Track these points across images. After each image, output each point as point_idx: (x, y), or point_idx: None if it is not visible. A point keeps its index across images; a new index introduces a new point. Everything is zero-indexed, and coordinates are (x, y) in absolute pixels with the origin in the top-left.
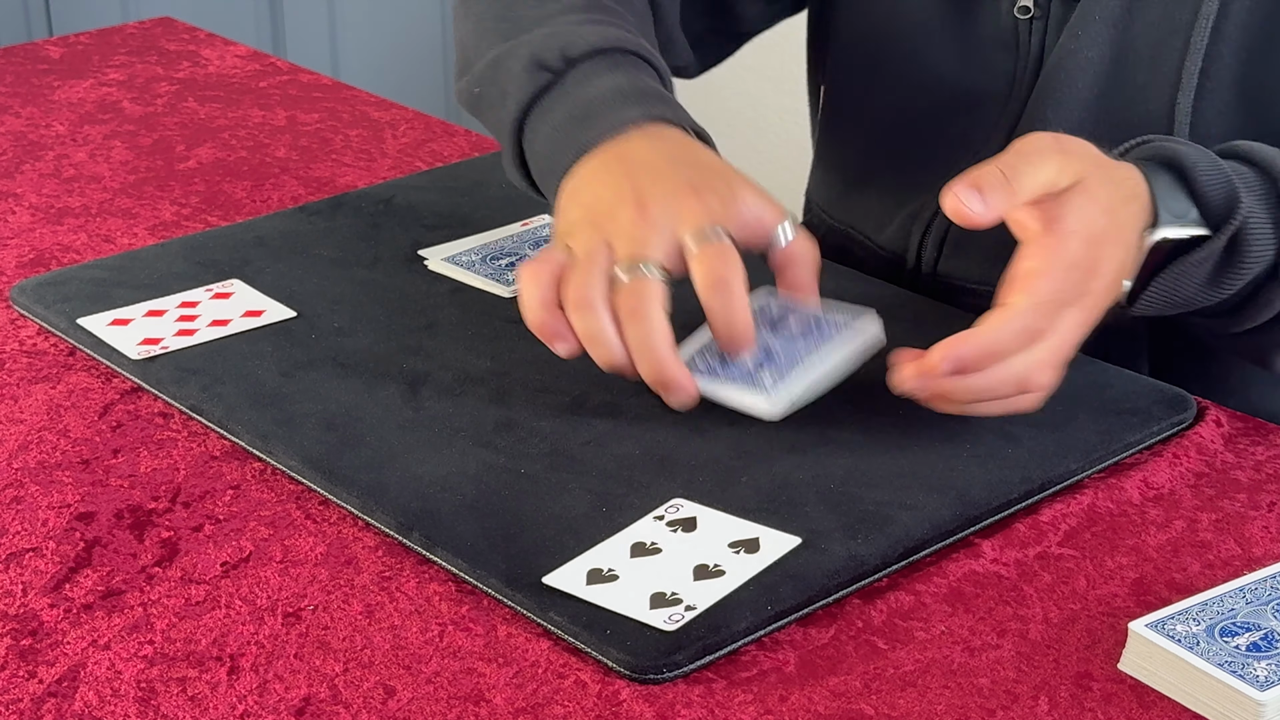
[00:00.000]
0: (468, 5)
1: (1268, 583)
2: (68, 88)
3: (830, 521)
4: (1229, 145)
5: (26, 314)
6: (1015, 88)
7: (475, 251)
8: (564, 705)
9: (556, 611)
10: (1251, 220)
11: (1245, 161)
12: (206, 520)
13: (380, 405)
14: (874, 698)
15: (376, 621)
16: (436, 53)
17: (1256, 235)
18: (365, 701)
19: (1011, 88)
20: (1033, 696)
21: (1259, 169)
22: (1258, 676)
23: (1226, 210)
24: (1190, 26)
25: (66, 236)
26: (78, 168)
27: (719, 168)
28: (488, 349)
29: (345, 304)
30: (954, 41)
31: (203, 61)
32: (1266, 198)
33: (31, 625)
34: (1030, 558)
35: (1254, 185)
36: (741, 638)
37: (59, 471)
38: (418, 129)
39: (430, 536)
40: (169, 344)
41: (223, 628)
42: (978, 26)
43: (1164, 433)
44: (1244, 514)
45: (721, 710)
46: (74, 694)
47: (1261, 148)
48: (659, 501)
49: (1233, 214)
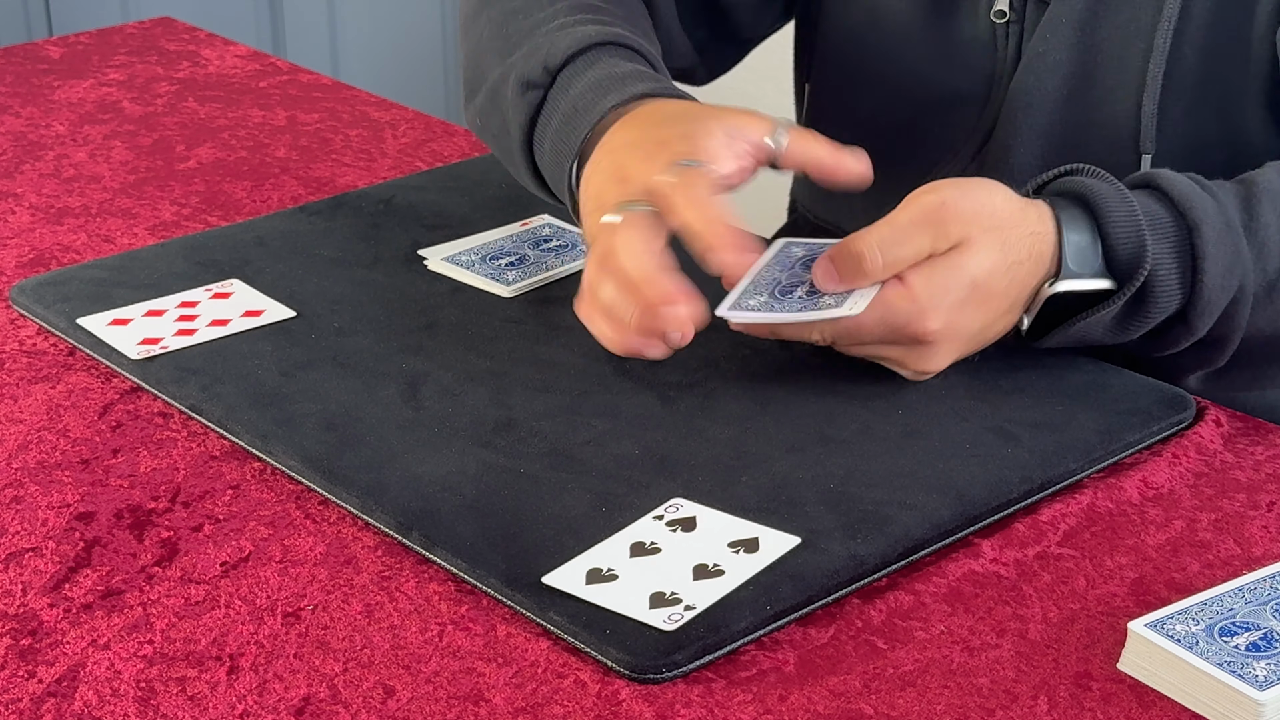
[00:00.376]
0: (467, 28)
1: (1267, 582)
2: (68, 88)
3: (830, 521)
4: (1148, 175)
5: (26, 314)
6: (994, 90)
7: (475, 251)
8: (563, 705)
9: (556, 611)
10: (1160, 271)
11: (1161, 197)
12: (206, 520)
13: (380, 405)
14: (874, 697)
15: (376, 621)
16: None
17: (1163, 285)
18: (365, 701)
19: (990, 90)
20: (1032, 696)
21: (1174, 209)
22: (1257, 676)
23: (1134, 263)
24: (1153, 29)
25: (66, 236)
26: (78, 168)
27: (689, 112)
28: (488, 349)
29: (345, 304)
30: (933, 45)
31: (203, 61)
32: (1177, 245)
33: (31, 625)
34: (1030, 557)
35: (1166, 231)
36: (741, 637)
37: (59, 471)
38: (418, 129)
39: (430, 536)
40: (169, 344)
41: (222, 628)
42: (956, 30)
43: (1163, 433)
44: (1243, 514)
45: (721, 710)
46: (74, 694)
47: (1179, 182)
48: (659, 501)
49: (1139, 267)
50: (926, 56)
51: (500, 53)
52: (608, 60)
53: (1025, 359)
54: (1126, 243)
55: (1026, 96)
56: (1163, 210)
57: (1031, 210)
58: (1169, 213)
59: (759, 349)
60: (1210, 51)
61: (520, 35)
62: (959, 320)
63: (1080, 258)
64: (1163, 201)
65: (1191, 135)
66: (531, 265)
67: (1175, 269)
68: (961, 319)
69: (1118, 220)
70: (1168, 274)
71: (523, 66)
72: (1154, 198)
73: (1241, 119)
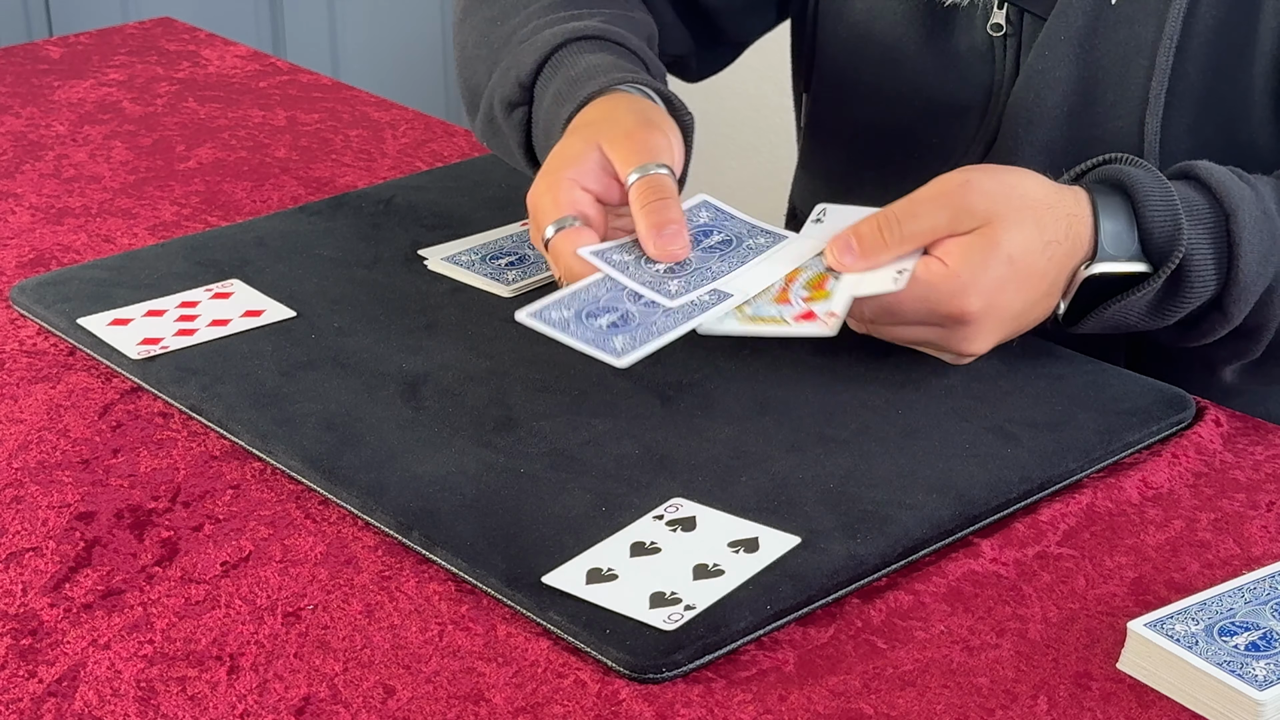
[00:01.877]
0: (456, 33)
1: (1266, 582)
2: (68, 88)
3: (830, 521)
4: (1187, 165)
5: (26, 314)
6: (993, 101)
7: (475, 251)
8: (563, 705)
9: (556, 611)
10: (1196, 255)
11: (1199, 186)
12: (206, 520)
13: (380, 405)
14: (873, 697)
15: (376, 621)
16: (436, 53)
17: (1199, 269)
18: (365, 701)
19: (989, 100)
20: (1032, 696)
21: (1211, 196)
22: (1256, 676)
23: (1169, 246)
24: (1155, 46)
25: (66, 236)
26: (78, 168)
27: (596, 121)
28: (488, 349)
29: (345, 304)
30: (932, 55)
31: (203, 61)
32: (1214, 230)
33: (31, 625)
34: (1029, 557)
35: (1203, 216)
36: (741, 637)
37: (59, 471)
38: (418, 129)
39: (430, 536)
40: (169, 344)
41: (222, 627)
42: (954, 41)
43: (1163, 432)
44: (1243, 514)
45: (721, 710)
46: (74, 694)
47: (1216, 171)
48: (658, 501)
49: (1175, 249)
50: (924, 67)
51: (486, 62)
52: (571, 62)
53: (1025, 359)
54: (1162, 226)
55: (1027, 112)
56: (1200, 197)
57: (1068, 194)
58: (1206, 199)
59: (759, 349)
60: (1214, 69)
61: (500, 43)
62: (1000, 300)
63: (1116, 241)
64: (1200, 190)
65: (1197, 151)
66: (531, 265)
67: (1211, 254)
68: (1003, 298)
69: (1154, 205)
70: (1204, 258)
71: (502, 86)
72: (1192, 186)
73: (1248, 133)
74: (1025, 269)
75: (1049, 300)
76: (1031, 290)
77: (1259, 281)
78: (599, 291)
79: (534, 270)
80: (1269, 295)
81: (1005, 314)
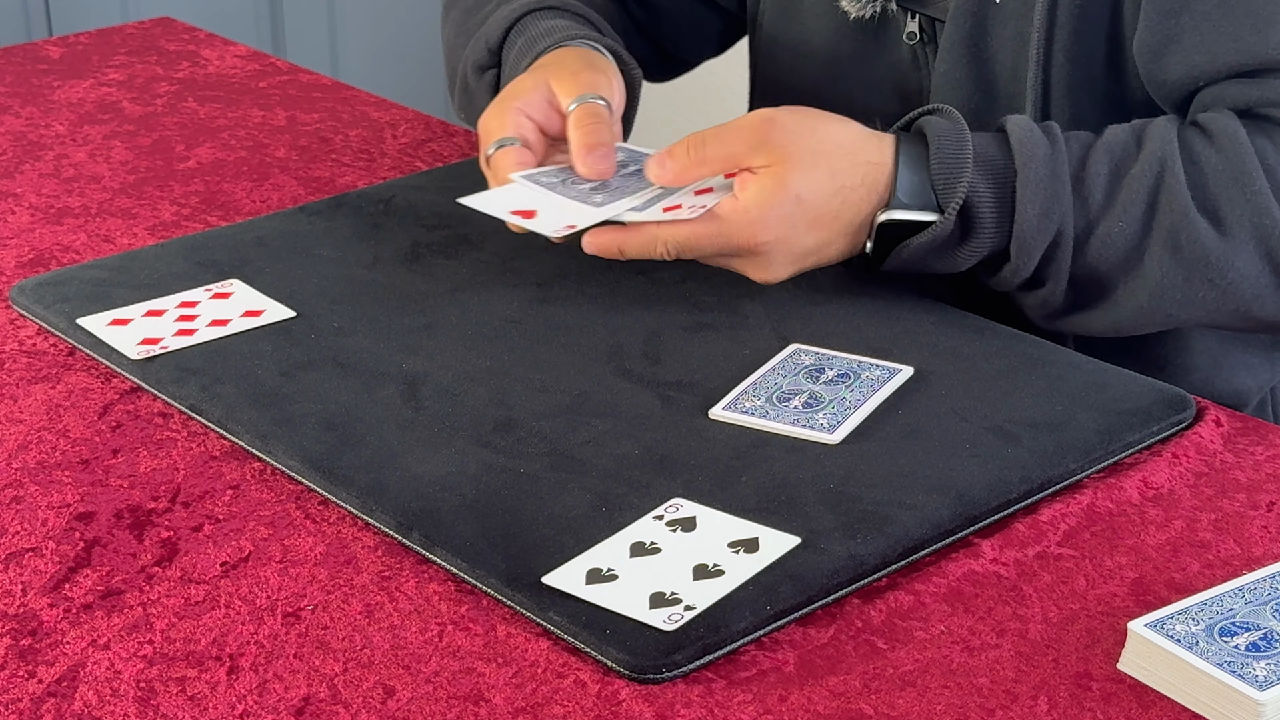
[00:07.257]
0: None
1: (1267, 582)
2: (68, 88)
3: (830, 521)
4: (1003, 119)
5: (26, 314)
6: None
7: (556, 174)
8: (563, 705)
9: (556, 611)
10: (981, 207)
11: (1003, 141)
12: (206, 520)
13: (380, 405)
14: (873, 697)
15: (376, 621)
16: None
17: (981, 219)
18: (365, 701)
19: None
20: (1032, 696)
21: (1007, 150)
22: (1257, 676)
23: (949, 196)
24: (1029, 40)
25: (66, 236)
26: (77, 168)
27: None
28: (488, 349)
29: (345, 304)
30: (861, 70)
31: (202, 61)
32: (1001, 182)
33: (31, 625)
34: (1030, 557)
35: (995, 170)
36: (741, 637)
37: (59, 471)
38: (418, 129)
39: (430, 536)
40: (169, 344)
41: (222, 628)
42: (881, 53)
43: (1163, 433)
44: (1243, 514)
45: (721, 710)
46: (74, 694)
47: (1020, 128)
48: (658, 501)
49: (952, 199)
50: (856, 82)
51: (464, 46)
52: (533, 26)
53: (1025, 359)
54: (943, 176)
55: None
56: (998, 152)
57: (873, 142)
58: (1002, 154)
59: (759, 349)
60: (1082, 57)
61: (475, 28)
62: (790, 235)
63: (911, 190)
64: (1000, 144)
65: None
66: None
67: (994, 205)
68: (793, 234)
69: (944, 157)
70: (988, 209)
71: (474, 53)
72: (995, 140)
73: (1127, 117)
74: (815, 209)
75: (846, 240)
76: (824, 230)
77: (1040, 235)
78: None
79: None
80: (1053, 249)
81: (797, 249)
